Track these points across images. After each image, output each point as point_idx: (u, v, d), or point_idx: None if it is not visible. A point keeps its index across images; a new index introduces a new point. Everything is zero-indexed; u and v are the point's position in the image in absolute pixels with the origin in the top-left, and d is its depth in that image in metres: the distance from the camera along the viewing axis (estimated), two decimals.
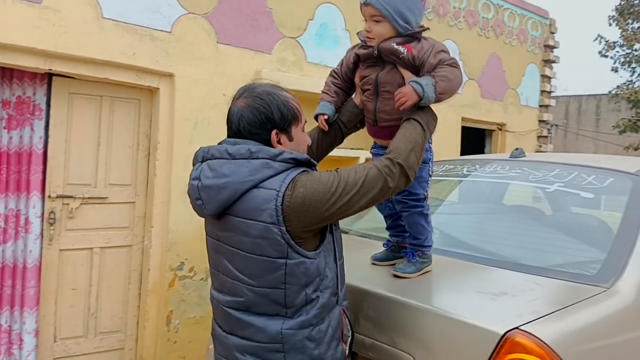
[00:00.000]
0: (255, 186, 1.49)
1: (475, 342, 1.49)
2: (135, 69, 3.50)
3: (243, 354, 1.57)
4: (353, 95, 2.06)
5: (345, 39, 4.73)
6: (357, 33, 1.98)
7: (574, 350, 1.47)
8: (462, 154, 5.76)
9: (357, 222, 2.76)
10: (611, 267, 1.78)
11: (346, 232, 2.56)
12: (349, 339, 1.69)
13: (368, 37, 1.86)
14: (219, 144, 1.63)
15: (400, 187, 1.65)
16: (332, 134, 2.03)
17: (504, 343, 1.43)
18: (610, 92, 15.83)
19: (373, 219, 2.45)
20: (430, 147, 1.95)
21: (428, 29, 1.88)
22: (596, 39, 15.24)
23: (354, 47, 1.99)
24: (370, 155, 2.09)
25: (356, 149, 4.65)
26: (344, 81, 2.02)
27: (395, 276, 1.91)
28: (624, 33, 14.96)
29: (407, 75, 1.82)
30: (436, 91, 1.70)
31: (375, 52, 1.85)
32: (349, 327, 1.68)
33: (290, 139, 1.65)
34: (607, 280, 1.72)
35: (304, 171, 1.56)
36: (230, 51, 3.92)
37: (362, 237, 2.55)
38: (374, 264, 2.06)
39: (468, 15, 5.84)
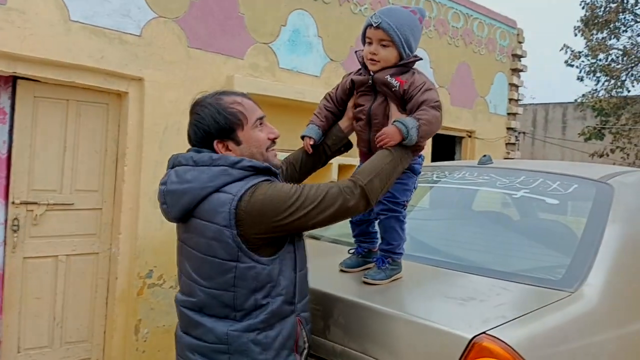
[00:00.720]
0: (217, 190, 1.54)
1: (444, 347, 1.50)
2: (103, 72, 3.44)
3: (193, 353, 1.60)
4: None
5: (318, 46, 4.75)
6: (355, 52, 2.00)
7: (540, 354, 1.49)
8: (432, 160, 5.82)
9: (329, 229, 2.75)
10: (575, 272, 1.81)
11: (317, 239, 2.55)
12: (305, 351, 1.69)
13: (372, 60, 1.84)
14: (188, 150, 1.69)
15: (360, 209, 1.65)
16: (316, 156, 2.06)
17: (471, 348, 1.44)
18: (576, 100, 16.23)
19: (345, 226, 2.45)
20: (421, 162, 1.99)
21: (421, 59, 1.91)
22: (562, 49, 15.63)
23: (350, 73, 2.02)
24: None
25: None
26: (338, 105, 2.05)
27: (365, 283, 1.91)
28: (588, 43, 15.38)
29: (394, 111, 1.85)
30: (418, 134, 1.73)
31: (370, 81, 1.87)
32: (305, 339, 1.68)
33: (238, 143, 1.67)
34: (571, 285, 1.75)
35: (266, 180, 1.60)
36: (201, 56, 3.89)
37: (334, 243, 2.55)
38: (342, 270, 2.06)
39: (438, 24, 5.93)
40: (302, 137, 2.05)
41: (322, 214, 1.57)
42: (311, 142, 2.01)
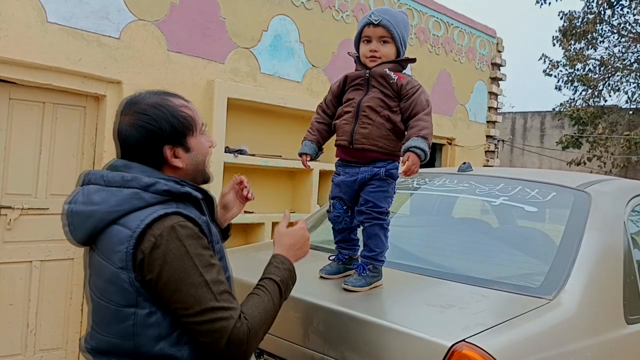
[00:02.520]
0: (116, 221, 1.35)
1: (424, 355, 1.49)
2: (81, 75, 3.39)
3: None
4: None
5: (300, 51, 4.74)
6: (348, 53, 2.09)
7: None
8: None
9: (310, 235, 2.74)
10: (554, 279, 1.82)
11: None
12: None
13: (373, 57, 1.93)
14: (106, 165, 1.51)
15: (224, 354, 1.34)
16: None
17: (451, 355, 1.43)
18: (554, 109, 16.49)
19: (326, 232, 2.44)
20: (397, 166, 2.00)
21: (415, 60, 2.04)
22: (541, 58, 15.87)
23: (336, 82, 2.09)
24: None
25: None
26: (331, 108, 2.08)
27: (346, 290, 1.90)
28: (566, 53, 15.64)
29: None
30: (429, 147, 1.81)
31: (367, 73, 1.93)
32: None
33: (188, 149, 1.50)
34: (550, 292, 1.76)
35: (177, 213, 1.36)
36: (181, 59, 3.86)
37: (314, 249, 2.53)
38: (322, 277, 2.05)
39: (419, 32, 5.97)
40: (300, 155, 2.09)
41: (210, 318, 1.31)
42: (308, 159, 2.07)
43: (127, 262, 1.31)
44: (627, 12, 15.04)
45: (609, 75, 15.56)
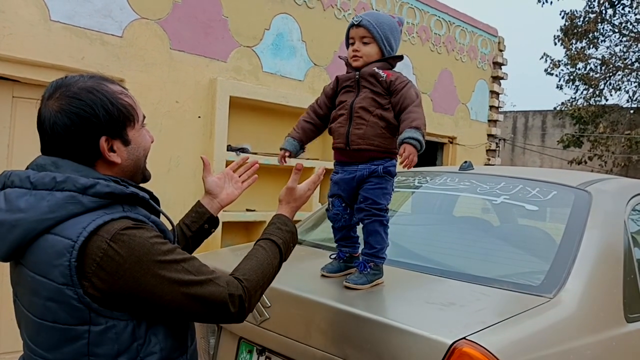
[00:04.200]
0: (50, 230, 1.15)
1: (425, 352, 1.50)
2: (84, 73, 3.39)
3: None
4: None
5: (302, 50, 4.75)
6: (339, 57, 2.11)
7: (519, 359, 1.50)
8: (415, 165, 5.85)
9: (311, 233, 2.75)
10: (554, 278, 1.83)
11: (300, 243, 2.54)
12: None
13: (355, 57, 1.96)
14: (30, 164, 1.28)
15: (231, 319, 1.29)
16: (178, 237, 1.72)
17: (451, 353, 1.44)
18: (555, 108, 16.48)
19: (326, 230, 2.45)
20: (395, 164, 2.01)
21: (402, 58, 2.05)
22: (542, 57, 15.86)
23: (330, 83, 2.11)
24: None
25: (312, 159, 4.65)
26: (324, 108, 2.09)
27: (347, 288, 1.91)
28: (568, 52, 15.63)
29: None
30: (424, 137, 1.82)
31: (357, 75, 1.96)
32: None
33: (126, 143, 1.31)
34: (550, 291, 1.77)
35: (125, 217, 1.20)
36: (184, 58, 3.87)
37: (315, 247, 2.54)
38: (324, 275, 2.06)
39: (421, 31, 5.97)
40: (280, 149, 2.11)
41: (200, 295, 1.22)
42: (287, 154, 2.07)
43: (71, 276, 1.13)
44: (629, 11, 15.03)
45: (610, 74, 15.54)
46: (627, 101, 15.69)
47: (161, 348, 1.26)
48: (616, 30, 15.36)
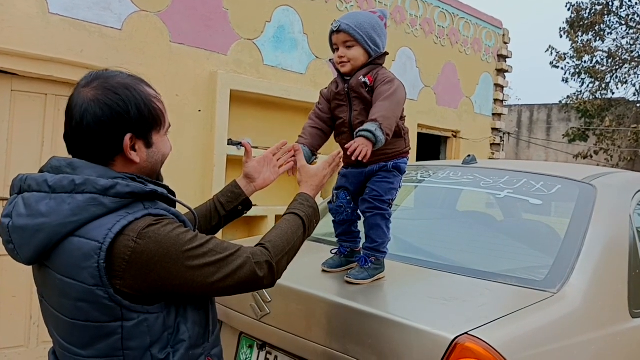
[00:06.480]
0: (74, 233, 1.17)
1: (426, 348, 1.48)
2: (83, 66, 3.38)
3: None
4: None
5: (303, 43, 4.71)
6: (329, 60, 2.04)
7: (522, 355, 1.47)
8: (417, 159, 5.82)
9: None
10: (558, 273, 1.81)
11: None
12: None
13: (342, 63, 1.91)
14: (44, 166, 1.30)
15: (263, 284, 1.35)
16: (208, 217, 1.80)
17: (453, 348, 1.42)
18: (560, 102, 16.41)
19: (327, 225, 2.43)
20: (406, 161, 2.00)
21: (387, 53, 1.97)
22: (548, 50, 15.77)
23: (330, 83, 2.05)
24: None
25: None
26: (326, 111, 2.04)
27: (348, 282, 1.89)
28: (574, 45, 15.54)
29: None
30: (384, 132, 1.74)
31: (346, 88, 1.92)
32: None
33: (149, 145, 1.33)
34: (554, 285, 1.74)
35: (147, 215, 1.23)
36: (184, 51, 3.84)
37: (316, 242, 2.52)
38: (325, 271, 2.04)
39: (424, 24, 5.93)
40: None
41: (229, 271, 1.27)
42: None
43: (101, 277, 1.16)
44: (636, 3, 14.91)
45: (617, 67, 15.46)
46: (634, 94, 15.64)
47: (189, 336, 1.31)
48: (623, 23, 15.26)
